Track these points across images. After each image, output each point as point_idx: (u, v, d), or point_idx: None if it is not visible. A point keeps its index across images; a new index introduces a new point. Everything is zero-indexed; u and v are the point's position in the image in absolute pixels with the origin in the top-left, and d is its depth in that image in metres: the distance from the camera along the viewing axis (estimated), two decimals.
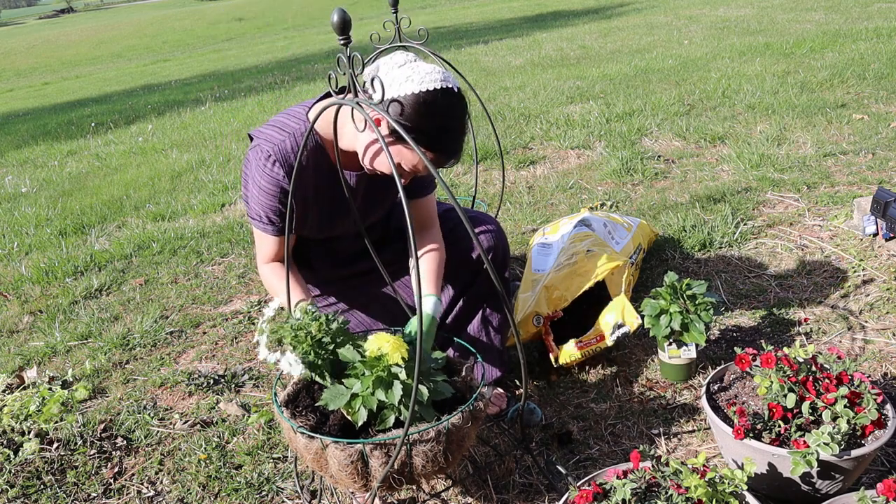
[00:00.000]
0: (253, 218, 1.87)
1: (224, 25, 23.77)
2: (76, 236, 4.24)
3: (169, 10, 42.24)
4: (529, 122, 5.37)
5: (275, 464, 2.05)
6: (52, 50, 23.20)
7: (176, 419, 2.32)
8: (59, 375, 2.64)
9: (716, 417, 1.69)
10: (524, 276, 2.56)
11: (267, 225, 1.85)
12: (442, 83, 1.60)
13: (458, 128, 1.67)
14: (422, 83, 1.58)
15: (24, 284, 3.57)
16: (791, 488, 1.62)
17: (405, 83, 1.58)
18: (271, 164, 1.77)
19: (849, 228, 3.01)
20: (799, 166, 3.77)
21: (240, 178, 4.97)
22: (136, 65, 15.57)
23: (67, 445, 2.21)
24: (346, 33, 1.37)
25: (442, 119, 1.61)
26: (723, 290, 2.70)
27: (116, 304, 3.23)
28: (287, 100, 7.92)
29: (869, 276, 2.65)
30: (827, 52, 6.44)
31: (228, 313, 3.02)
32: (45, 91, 12.92)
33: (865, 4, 9.19)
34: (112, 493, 2.03)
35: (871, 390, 1.63)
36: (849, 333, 2.35)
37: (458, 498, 1.86)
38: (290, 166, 1.77)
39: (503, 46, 9.73)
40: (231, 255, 3.65)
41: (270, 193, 1.80)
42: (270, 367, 1.70)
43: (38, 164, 6.43)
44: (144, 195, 4.90)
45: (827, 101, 4.83)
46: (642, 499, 1.43)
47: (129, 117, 8.27)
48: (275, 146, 1.77)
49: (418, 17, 15.91)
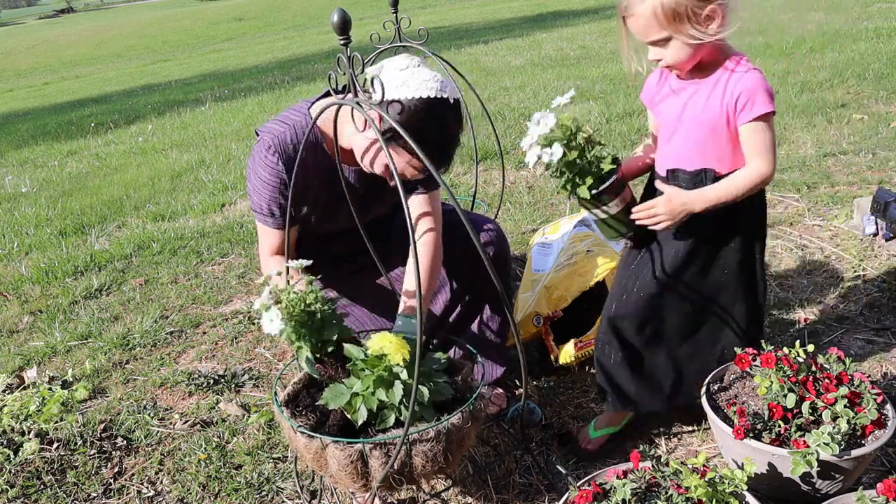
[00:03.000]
0: (255, 211, 1.89)
1: (224, 25, 23.77)
2: (76, 236, 4.24)
3: (169, 10, 42.26)
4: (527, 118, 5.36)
5: (275, 464, 2.05)
6: (52, 50, 23.20)
7: (176, 419, 2.32)
8: (59, 375, 2.64)
9: (716, 417, 1.69)
10: (524, 276, 2.55)
11: (268, 217, 1.87)
12: (437, 92, 1.60)
13: (447, 138, 1.67)
14: (416, 90, 1.58)
15: (24, 284, 3.57)
16: (791, 488, 1.62)
17: (400, 87, 1.58)
18: (271, 155, 1.79)
19: (849, 228, 3.01)
20: (799, 166, 3.77)
21: (240, 178, 4.97)
22: (136, 65, 15.57)
23: (67, 445, 2.21)
24: (346, 33, 1.37)
25: (430, 128, 1.60)
26: None
27: (116, 304, 3.23)
28: (287, 100, 7.92)
29: (869, 276, 2.65)
30: (827, 52, 6.44)
31: (228, 313, 3.02)
32: (45, 91, 12.92)
33: (865, 4, 9.18)
34: (112, 493, 2.03)
35: (871, 390, 1.63)
36: (849, 333, 2.35)
37: (458, 498, 1.86)
38: (290, 157, 1.79)
39: (503, 46, 9.73)
40: (231, 255, 3.65)
41: (271, 184, 1.81)
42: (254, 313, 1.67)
43: (38, 164, 6.43)
44: (144, 195, 4.90)
45: (827, 101, 4.83)
46: (642, 499, 1.43)
47: (129, 117, 8.27)
48: (275, 137, 1.79)
49: (418, 17, 15.89)
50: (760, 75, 1.60)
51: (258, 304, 1.51)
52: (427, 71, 1.63)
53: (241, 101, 8.39)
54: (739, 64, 1.61)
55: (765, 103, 1.59)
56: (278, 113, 1.92)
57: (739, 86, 1.59)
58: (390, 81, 1.59)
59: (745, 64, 1.61)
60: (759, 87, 1.58)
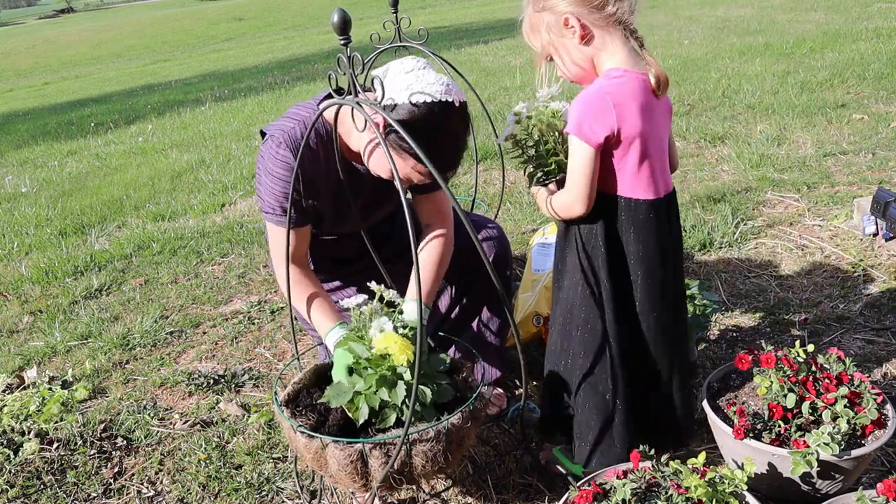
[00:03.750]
0: (266, 212, 1.84)
1: (224, 25, 23.77)
2: (76, 236, 4.24)
3: (169, 10, 42.25)
4: None
5: (275, 464, 2.05)
6: (52, 50, 23.20)
7: (176, 419, 2.32)
8: (59, 375, 2.64)
9: (716, 417, 1.69)
10: (524, 276, 2.55)
11: (282, 217, 1.81)
12: (442, 96, 1.58)
13: (452, 143, 1.65)
14: (421, 94, 1.56)
15: (24, 284, 3.57)
16: (791, 488, 1.62)
17: (404, 91, 1.57)
18: (283, 150, 1.77)
19: (849, 228, 3.01)
20: (799, 166, 3.77)
21: (240, 178, 4.97)
22: (136, 65, 15.57)
23: (67, 445, 2.21)
24: (346, 33, 1.37)
25: (434, 133, 1.57)
26: (723, 290, 2.70)
27: (116, 304, 3.23)
28: (287, 100, 7.92)
29: (869, 276, 2.65)
30: (827, 52, 6.44)
31: (228, 313, 3.02)
32: (45, 91, 12.92)
33: (865, 4, 9.18)
34: (112, 493, 2.03)
35: (871, 390, 1.63)
36: (849, 333, 2.35)
37: (458, 498, 1.86)
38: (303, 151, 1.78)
39: (503, 46, 9.73)
40: (231, 255, 3.65)
41: (282, 179, 1.78)
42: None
43: (38, 164, 6.43)
44: (144, 195, 4.90)
45: (827, 101, 4.83)
46: (642, 499, 1.43)
47: (129, 117, 8.27)
48: (285, 133, 1.78)
49: (418, 17, 15.88)
50: (589, 97, 1.49)
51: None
52: (433, 74, 1.61)
53: (241, 101, 8.39)
54: (590, 84, 1.53)
55: (570, 125, 1.50)
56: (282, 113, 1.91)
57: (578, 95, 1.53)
58: (395, 84, 1.58)
59: (597, 82, 1.51)
60: (575, 107, 1.50)
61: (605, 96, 1.47)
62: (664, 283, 1.63)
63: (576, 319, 1.66)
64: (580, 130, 1.48)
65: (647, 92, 1.51)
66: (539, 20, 1.54)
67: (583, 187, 1.52)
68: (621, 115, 1.47)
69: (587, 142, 1.48)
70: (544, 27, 1.53)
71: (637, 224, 1.57)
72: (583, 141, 1.48)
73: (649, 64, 1.52)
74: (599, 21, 1.49)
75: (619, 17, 1.49)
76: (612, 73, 1.50)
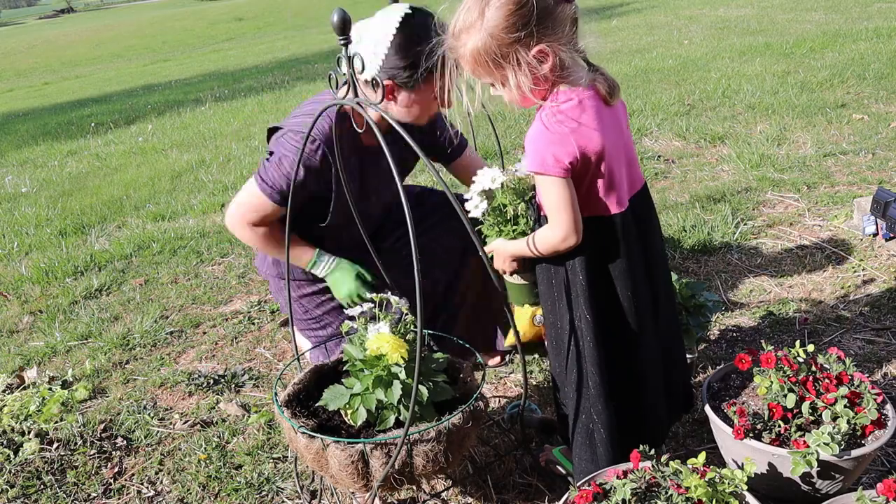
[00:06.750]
0: (263, 181, 1.91)
1: (224, 25, 23.77)
2: (76, 236, 4.24)
3: (169, 10, 42.26)
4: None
5: (275, 464, 2.05)
6: (52, 50, 23.20)
7: (176, 419, 2.32)
8: (59, 375, 2.64)
9: (716, 417, 1.69)
10: None
11: (276, 193, 1.91)
12: (401, 12, 1.70)
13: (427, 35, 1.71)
14: (386, 32, 1.69)
15: (24, 284, 3.57)
16: (791, 488, 1.62)
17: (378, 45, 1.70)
18: (315, 148, 1.86)
19: (849, 228, 3.01)
20: (799, 166, 3.77)
21: (240, 179, 4.97)
22: (136, 65, 15.57)
23: (67, 445, 2.21)
24: (346, 33, 1.37)
25: (422, 41, 1.66)
26: (723, 290, 2.70)
27: (116, 304, 3.23)
28: (287, 100, 7.92)
29: (869, 276, 2.65)
30: (827, 52, 6.44)
31: (228, 313, 3.02)
32: (45, 91, 12.92)
33: (865, 4, 9.19)
34: (112, 493, 2.03)
35: (871, 390, 1.63)
36: (849, 333, 2.35)
37: (458, 498, 1.86)
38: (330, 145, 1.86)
39: None
40: (231, 255, 3.65)
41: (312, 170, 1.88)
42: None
43: (38, 164, 6.42)
44: (144, 195, 4.90)
45: (827, 101, 4.83)
46: (642, 499, 1.43)
47: (129, 117, 8.27)
48: (316, 130, 1.85)
49: None
50: (542, 131, 1.43)
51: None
52: (376, 17, 1.73)
53: (241, 101, 8.38)
54: (542, 108, 1.46)
55: (532, 163, 1.44)
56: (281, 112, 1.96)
57: (528, 131, 1.46)
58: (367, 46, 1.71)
59: (548, 111, 1.43)
60: (531, 146, 1.44)
61: (559, 125, 1.42)
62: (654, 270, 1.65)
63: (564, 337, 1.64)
64: (545, 166, 1.42)
65: (600, 105, 1.47)
66: (495, 53, 1.42)
67: (567, 219, 1.46)
68: (579, 139, 1.43)
69: (556, 174, 1.42)
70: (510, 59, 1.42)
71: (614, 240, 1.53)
72: (551, 175, 1.43)
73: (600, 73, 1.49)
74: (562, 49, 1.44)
75: (568, 39, 1.46)
76: (559, 96, 1.45)
